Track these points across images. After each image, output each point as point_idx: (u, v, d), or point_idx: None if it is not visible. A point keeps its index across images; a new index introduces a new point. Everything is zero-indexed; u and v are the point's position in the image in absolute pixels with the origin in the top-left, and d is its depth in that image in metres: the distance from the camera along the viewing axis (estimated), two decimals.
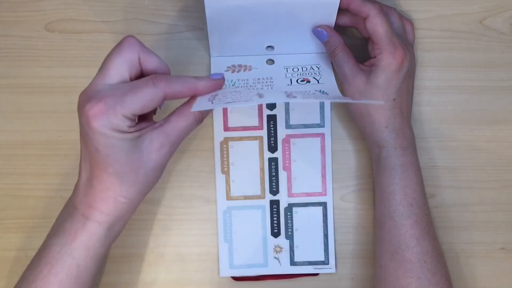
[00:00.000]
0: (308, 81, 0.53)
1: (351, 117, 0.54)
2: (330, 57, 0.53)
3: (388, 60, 0.49)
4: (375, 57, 0.50)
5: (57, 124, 0.56)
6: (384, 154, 0.51)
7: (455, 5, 0.57)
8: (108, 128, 0.40)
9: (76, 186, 0.45)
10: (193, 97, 0.44)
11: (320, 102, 0.56)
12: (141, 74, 0.44)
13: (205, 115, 0.45)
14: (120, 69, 0.42)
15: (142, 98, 0.41)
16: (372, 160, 0.53)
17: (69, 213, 0.44)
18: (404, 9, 0.57)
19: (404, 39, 0.51)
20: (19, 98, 0.56)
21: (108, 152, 0.41)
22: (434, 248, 0.50)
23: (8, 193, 0.56)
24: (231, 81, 0.53)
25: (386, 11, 0.52)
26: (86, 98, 0.41)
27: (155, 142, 0.43)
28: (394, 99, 0.50)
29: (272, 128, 0.56)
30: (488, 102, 0.57)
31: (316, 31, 0.52)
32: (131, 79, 0.43)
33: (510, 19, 0.57)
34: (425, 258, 0.49)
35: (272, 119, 0.56)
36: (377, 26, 0.49)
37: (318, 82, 0.53)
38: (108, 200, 0.43)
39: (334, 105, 0.57)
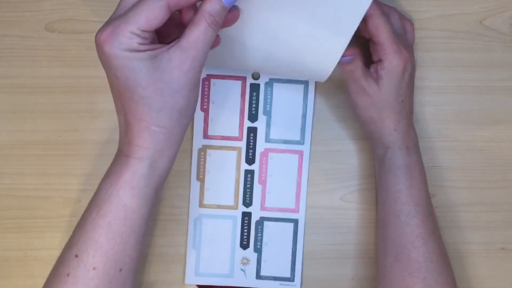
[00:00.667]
0: None
1: (361, 124, 0.53)
2: (345, 72, 0.50)
3: (394, 62, 0.48)
4: (379, 59, 0.49)
5: (57, 124, 0.56)
6: (389, 155, 0.51)
7: (455, 5, 0.57)
8: (119, 48, 0.39)
9: (119, 132, 0.44)
10: (202, 5, 0.42)
11: (301, 120, 0.56)
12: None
13: (216, 16, 0.41)
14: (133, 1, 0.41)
15: (144, 10, 0.40)
16: (375, 161, 0.53)
17: (115, 158, 0.44)
18: (405, 9, 0.57)
19: (404, 40, 0.51)
20: (19, 98, 0.56)
21: (127, 75, 0.40)
22: (440, 247, 0.50)
23: (8, 193, 0.56)
24: None
25: (386, 12, 0.51)
26: (98, 31, 0.41)
27: (174, 60, 0.41)
28: (402, 101, 0.50)
29: (252, 141, 0.56)
30: (488, 102, 0.57)
31: (344, 60, 0.48)
32: None
33: (510, 19, 0.57)
34: (431, 257, 0.49)
35: (252, 131, 0.56)
36: (379, 27, 0.48)
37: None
38: (144, 131, 0.42)
39: (333, 106, 0.57)
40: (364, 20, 0.49)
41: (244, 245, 0.56)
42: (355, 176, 0.57)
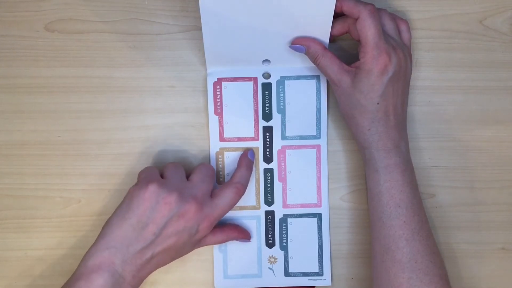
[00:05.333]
0: None
1: (342, 118, 0.53)
2: (315, 65, 0.52)
3: (370, 65, 0.49)
4: (359, 59, 0.50)
5: (57, 124, 0.56)
6: (368, 156, 0.51)
7: (455, 5, 0.57)
8: None
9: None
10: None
11: (316, 115, 0.56)
12: None
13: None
14: None
15: None
16: (362, 160, 0.53)
17: None
18: (404, 9, 0.57)
19: (397, 41, 0.51)
20: (19, 98, 0.56)
21: None
22: (427, 247, 0.50)
23: (8, 193, 0.56)
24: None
25: (377, 13, 0.51)
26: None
27: None
28: (378, 103, 0.50)
29: (268, 139, 0.56)
30: (488, 102, 0.57)
31: (293, 47, 0.52)
32: None
33: (510, 19, 0.57)
34: (415, 258, 0.49)
35: (268, 130, 0.56)
36: (365, 28, 0.48)
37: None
38: None
39: (330, 107, 0.57)
40: (355, 21, 0.49)
41: (270, 244, 0.56)
42: (355, 176, 0.57)
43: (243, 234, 0.55)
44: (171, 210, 0.48)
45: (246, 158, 0.54)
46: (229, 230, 0.54)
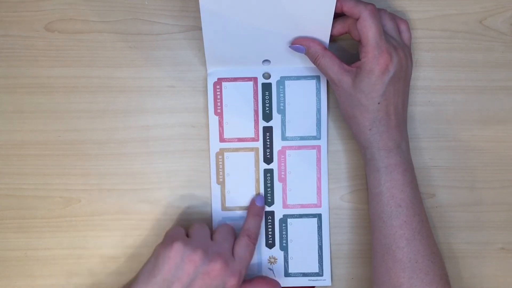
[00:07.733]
0: None
1: (342, 118, 0.53)
2: (315, 65, 0.52)
3: (371, 65, 0.49)
4: (360, 59, 0.50)
5: (57, 124, 0.56)
6: (368, 155, 0.51)
7: (455, 5, 0.57)
8: None
9: None
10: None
11: (316, 115, 0.56)
12: None
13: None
14: None
15: None
16: (363, 160, 0.54)
17: None
18: (404, 9, 0.57)
19: (397, 41, 0.51)
20: (19, 98, 0.56)
21: None
22: (427, 247, 0.50)
23: (8, 193, 0.56)
24: None
25: (378, 13, 0.51)
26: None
27: None
28: (379, 103, 0.50)
29: (268, 140, 0.56)
30: (488, 102, 0.57)
31: (293, 48, 0.52)
32: None
33: (510, 19, 0.57)
34: (416, 258, 0.49)
35: (268, 130, 0.56)
36: (366, 28, 0.48)
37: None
38: None
39: (330, 107, 0.57)
40: (355, 21, 0.50)
41: (270, 244, 0.56)
42: (355, 176, 0.57)
43: (272, 285, 0.54)
44: (196, 268, 0.48)
45: (254, 206, 0.55)
46: (257, 283, 0.53)
